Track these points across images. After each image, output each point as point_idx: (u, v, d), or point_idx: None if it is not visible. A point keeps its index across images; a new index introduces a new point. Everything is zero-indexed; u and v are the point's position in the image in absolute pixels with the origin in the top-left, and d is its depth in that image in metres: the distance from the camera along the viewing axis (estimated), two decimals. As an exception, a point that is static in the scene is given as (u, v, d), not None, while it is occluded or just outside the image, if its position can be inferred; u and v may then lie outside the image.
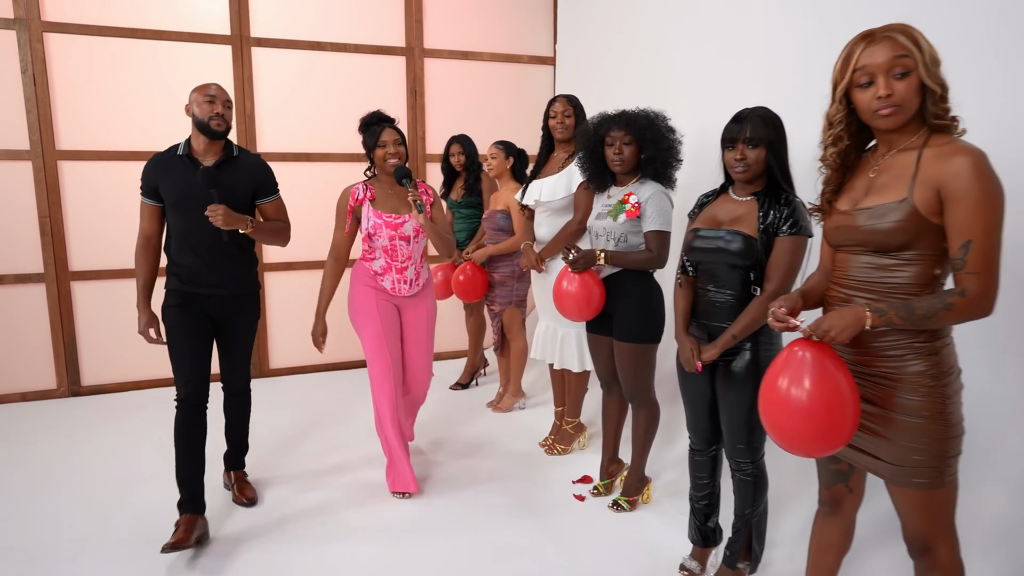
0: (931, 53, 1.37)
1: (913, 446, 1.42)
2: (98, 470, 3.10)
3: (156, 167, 2.48)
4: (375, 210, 2.73)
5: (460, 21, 4.84)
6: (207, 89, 2.48)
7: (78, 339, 4.17)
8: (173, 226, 2.51)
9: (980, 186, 1.30)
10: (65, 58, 3.95)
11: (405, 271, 2.79)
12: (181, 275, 2.51)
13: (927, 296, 1.37)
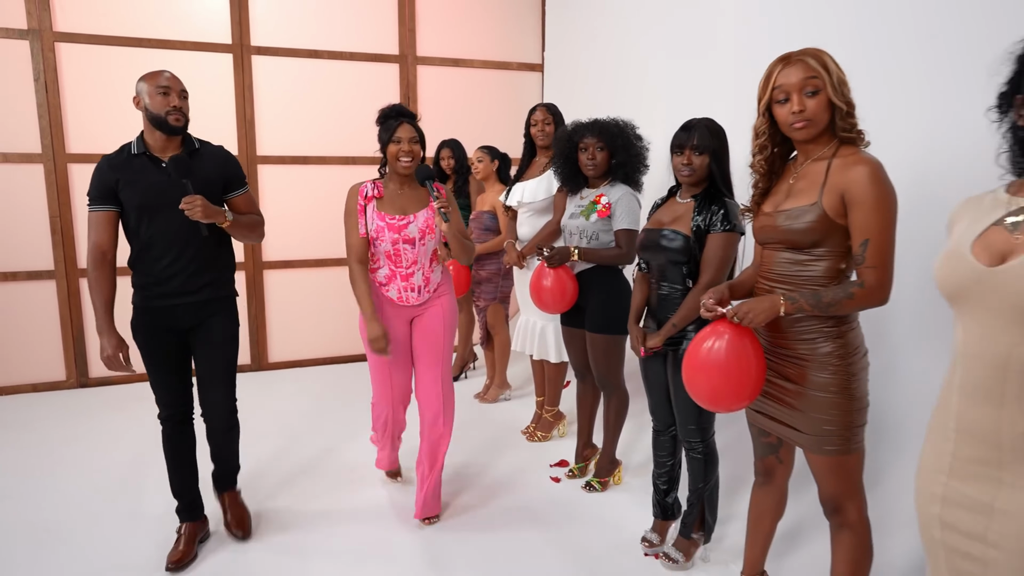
0: (839, 75, 1.58)
1: (823, 417, 1.63)
2: (105, 455, 3.31)
3: (111, 169, 2.20)
4: (379, 211, 2.47)
5: (451, 29, 5.05)
6: (158, 78, 2.20)
7: (86, 333, 4.38)
8: (137, 233, 2.23)
9: (876, 191, 1.51)
10: (75, 66, 4.17)
11: (411, 278, 2.52)
12: (149, 287, 2.26)
13: (833, 287, 1.58)
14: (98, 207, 2.22)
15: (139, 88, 2.22)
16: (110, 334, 2.23)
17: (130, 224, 2.25)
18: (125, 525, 2.64)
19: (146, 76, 2.23)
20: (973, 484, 1.21)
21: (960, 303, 1.21)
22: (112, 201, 2.21)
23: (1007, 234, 1.14)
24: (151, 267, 2.25)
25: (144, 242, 2.23)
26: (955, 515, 1.24)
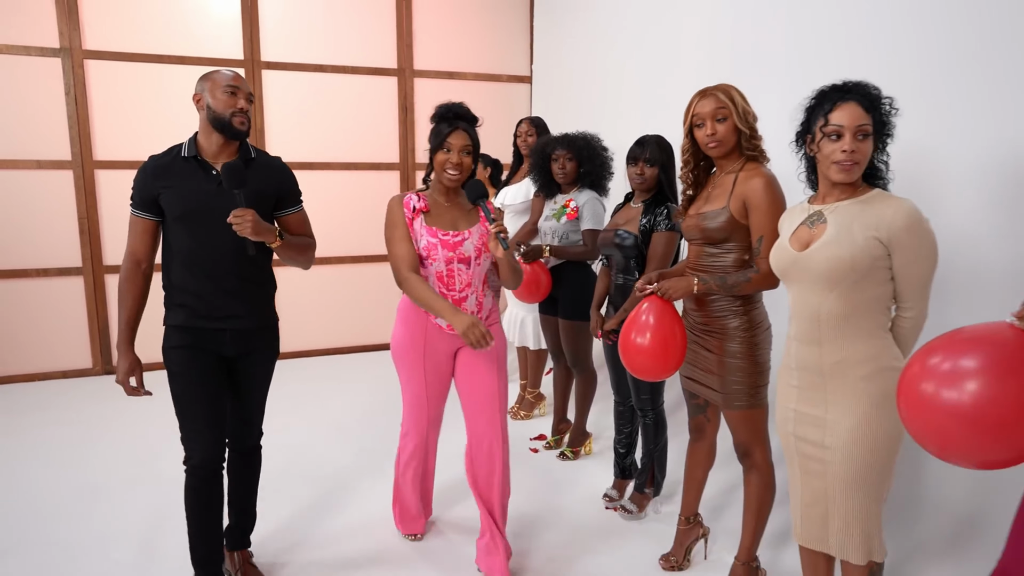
0: (743, 107, 1.98)
1: (733, 379, 2.03)
2: (128, 434, 3.71)
3: (156, 172, 1.97)
4: (428, 226, 2.16)
5: (446, 44, 5.45)
6: (225, 77, 2.00)
7: (111, 325, 4.79)
8: (177, 245, 2.00)
9: (769, 198, 1.91)
10: (102, 81, 4.57)
11: (464, 302, 2.20)
12: (188, 306, 2.01)
13: (735, 272, 1.98)
14: (138, 213, 2.01)
15: (201, 86, 2.01)
16: (127, 353, 2.00)
17: (170, 235, 2.01)
18: (152, 485, 3.04)
19: (211, 74, 2.03)
20: (811, 405, 1.68)
21: (787, 279, 1.69)
22: (153, 210, 1.99)
23: (808, 229, 1.64)
24: (190, 285, 2.00)
25: (185, 256, 1.99)
26: (803, 430, 1.71)
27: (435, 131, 2.20)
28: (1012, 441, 1.09)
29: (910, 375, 1.21)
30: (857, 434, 1.62)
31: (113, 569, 2.40)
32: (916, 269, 1.57)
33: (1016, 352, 1.10)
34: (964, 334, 1.18)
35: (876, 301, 1.61)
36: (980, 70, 2.12)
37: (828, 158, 1.60)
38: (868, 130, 1.57)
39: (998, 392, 1.08)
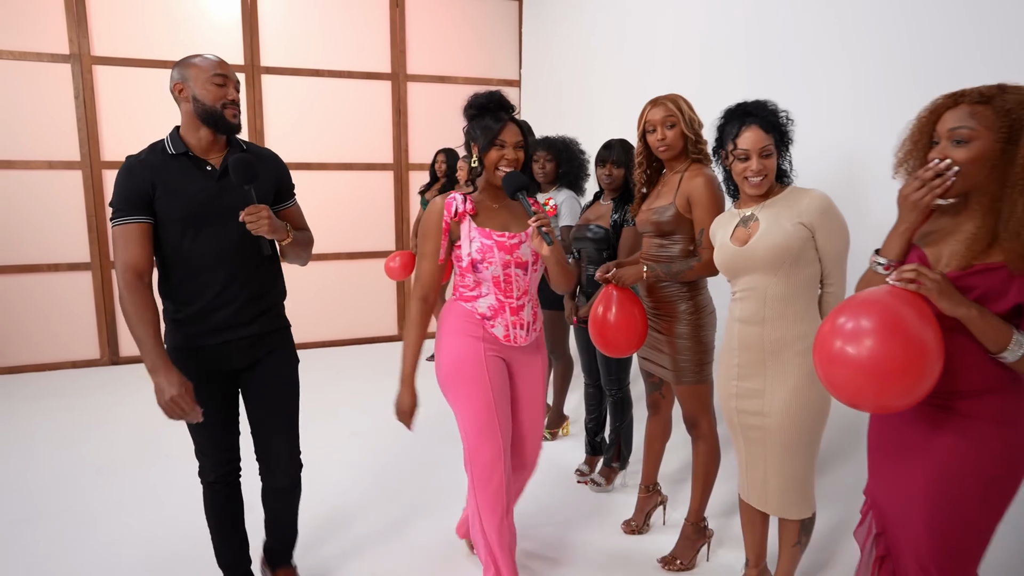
0: (690, 115, 2.22)
1: (682, 357, 2.27)
2: (135, 418, 3.95)
3: (145, 172, 1.74)
4: (480, 227, 1.95)
5: (438, 49, 5.69)
6: (212, 65, 1.79)
7: (117, 317, 5.03)
8: (175, 252, 1.79)
9: (709, 195, 2.14)
10: (109, 85, 4.82)
11: (521, 311, 2.03)
12: (192, 321, 1.83)
13: (680, 261, 2.22)
14: (128, 219, 1.73)
15: (183, 75, 1.78)
16: (168, 371, 1.71)
17: (168, 242, 1.79)
18: (160, 462, 3.28)
19: (192, 60, 1.79)
20: (751, 380, 1.91)
21: (734, 272, 1.92)
22: (145, 211, 1.74)
23: (744, 229, 1.89)
24: (194, 296, 1.81)
25: (186, 264, 1.80)
26: (744, 403, 1.93)
27: (483, 127, 1.93)
28: (902, 386, 1.28)
29: (822, 334, 1.39)
30: (791, 403, 1.85)
31: (125, 534, 2.64)
32: (833, 245, 1.82)
33: (898, 311, 1.29)
34: (860, 297, 1.37)
35: (809, 281, 1.85)
36: (940, 76, 2.36)
37: (741, 175, 1.87)
38: (770, 149, 1.84)
39: (888, 347, 1.27)
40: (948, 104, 1.36)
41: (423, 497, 2.96)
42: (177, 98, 1.83)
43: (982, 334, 1.30)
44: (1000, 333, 1.29)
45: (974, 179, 1.33)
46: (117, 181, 1.77)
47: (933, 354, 1.27)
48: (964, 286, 1.33)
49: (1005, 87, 1.32)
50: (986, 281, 1.31)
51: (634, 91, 4.15)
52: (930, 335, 1.27)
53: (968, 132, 1.32)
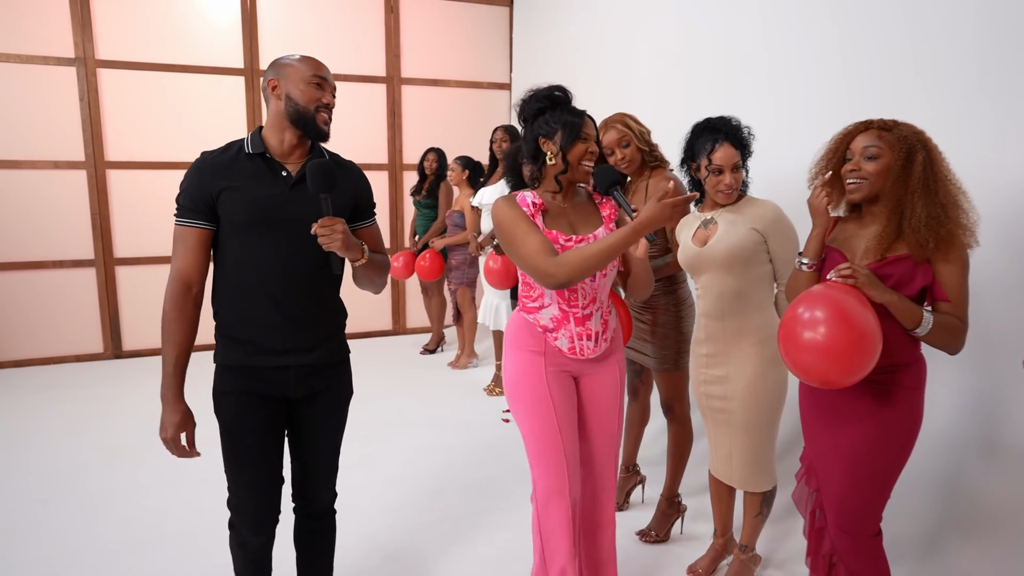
0: (639, 130, 2.45)
1: (662, 345, 2.49)
2: (143, 408, 4.12)
3: (214, 171, 1.61)
4: (547, 230, 1.79)
5: (432, 54, 5.88)
6: (313, 65, 1.66)
7: (120, 312, 5.20)
8: (236, 262, 1.64)
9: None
10: (114, 88, 4.98)
11: (588, 321, 1.84)
12: (246, 340, 1.66)
13: (660, 258, 2.44)
14: (188, 221, 1.62)
15: (279, 72, 1.65)
16: (175, 404, 1.65)
17: (229, 249, 1.64)
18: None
19: (291, 60, 1.67)
20: (716, 368, 2.14)
21: (696, 270, 2.16)
22: (207, 216, 1.62)
23: (704, 231, 2.11)
24: (253, 311, 1.65)
25: (246, 275, 1.64)
26: (711, 388, 2.16)
27: (564, 121, 1.78)
28: (859, 362, 1.50)
29: (786, 326, 1.61)
30: (751, 388, 2.08)
31: (142, 514, 2.82)
32: (785, 249, 2.05)
33: (842, 303, 1.52)
34: (815, 291, 1.60)
35: (762, 279, 2.08)
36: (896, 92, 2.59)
37: (714, 187, 2.09)
38: (740, 164, 2.08)
39: (843, 331, 1.50)
40: (860, 128, 1.68)
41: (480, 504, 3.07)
42: (268, 95, 1.69)
43: (901, 314, 1.56)
44: (914, 313, 1.56)
45: (880, 186, 1.64)
46: (186, 176, 1.64)
47: (877, 333, 1.51)
48: (882, 275, 1.60)
49: (897, 121, 1.66)
50: (898, 269, 1.60)
51: (618, 94, 4.38)
52: (871, 318, 1.51)
53: (877, 150, 1.63)
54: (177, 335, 1.64)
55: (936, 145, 1.65)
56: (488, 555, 2.51)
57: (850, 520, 1.72)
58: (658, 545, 2.56)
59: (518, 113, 1.90)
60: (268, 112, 1.70)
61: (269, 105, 1.69)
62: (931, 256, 1.59)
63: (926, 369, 1.72)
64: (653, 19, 3.98)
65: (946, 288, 1.60)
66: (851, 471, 1.69)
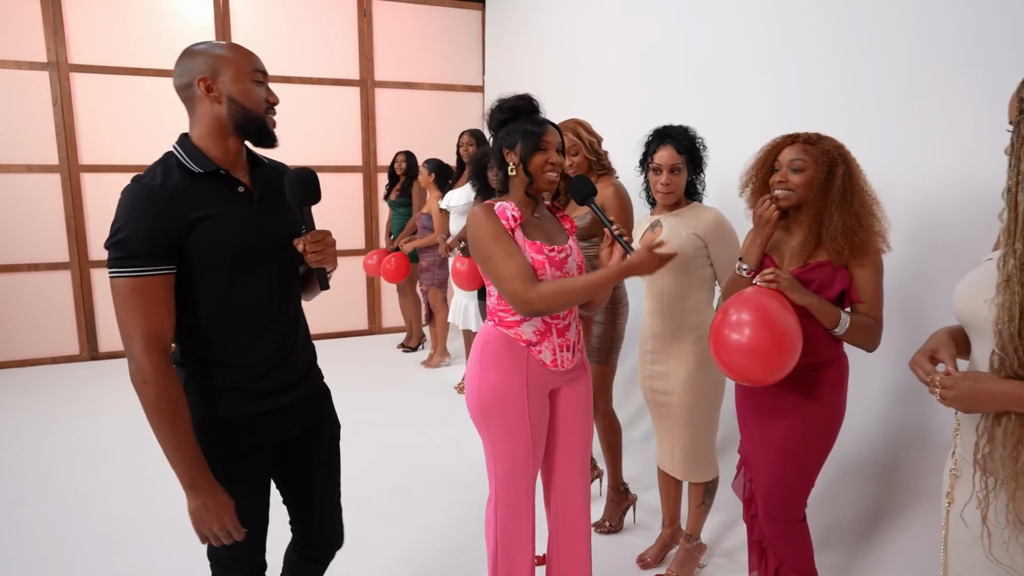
0: (589, 139, 2.57)
1: (596, 339, 2.61)
2: (118, 410, 4.19)
3: (173, 200, 1.32)
4: (531, 241, 1.75)
5: (405, 57, 5.96)
6: (252, 59, 1.42)
7: (96, 315, 5.25)
8: (219, 302, 1.41)
9: (619, 202, 2.50)
10: (87, 92, 5.02)
11: (567, 332, 1.84)
12: (237, 388, 1.45)
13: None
14: (149, 270, 1.30)
15: (211, 67, 1.37)
16: (212, 486, 1.37)
17: (210, 292, 1.39)
18: (145, 450, 3.55)
19: (221, 51, 1.39)
20: (659, 364, 2.27)
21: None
22: (172, 257, 1.33)
23: (651, 232, 2.23)
24: (246, 356, 1.45)
25: (234, 318, 1.42)
26: (655, 384, 2.29)
27: (523, 131, 1.77)
28: (771, 364, 1.63)
29: (715, 327, 1.73)
30: (689, 383, 2.20)
31: (115, 512, 2.91)
32: (726, 254, 2.17)
33: (766, 306, 1.64)
34: (743, 295, 1.71)
35: (701, 282, 2.20)
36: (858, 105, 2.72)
37: (654, 186, 2.21)
38: (680, 167, 2.18)
39: (759, 334, 1.62)
40: (787, 142, 1.80)
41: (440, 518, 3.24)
42: (195, 96, 1.39)
43: (821, 315, 1.70)
44: (833, 314, 1.70)
45: (804, 196, 1.76)
46: (128, 216, 1.30)
47: (797, 335, 1.64)
48: (805, 279, 1.73)
49: (821, 135, 1.77)
50: (819, 274, 1.73)
51: (587, 97, 4.50)
52: (792, 321, 1.64)
53: (802, 163, 1.75)
54: (179, 406, 1.34)
55: (854, 159, 1.77)
56: (452, 547, 2.63)
57: (777, 507, 1.85)
58: (613, 535, 2.69)
59: (487, 123, 1.90)
60: (195, 117, 1.41)
61: (195, 108, 1.41)
62: (848, 262, 1.72)
63: (848, 367, 1.85)
64: (620, 24, 4.10)
65: (861, 291, 1.74)
66: (779, 461, 1.83)
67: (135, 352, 1.31)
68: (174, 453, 1.34)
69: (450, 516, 2.87)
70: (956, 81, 2.14)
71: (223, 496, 1.38)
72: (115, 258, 1.30)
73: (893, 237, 1.77)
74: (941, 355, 1.22)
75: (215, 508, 1.36)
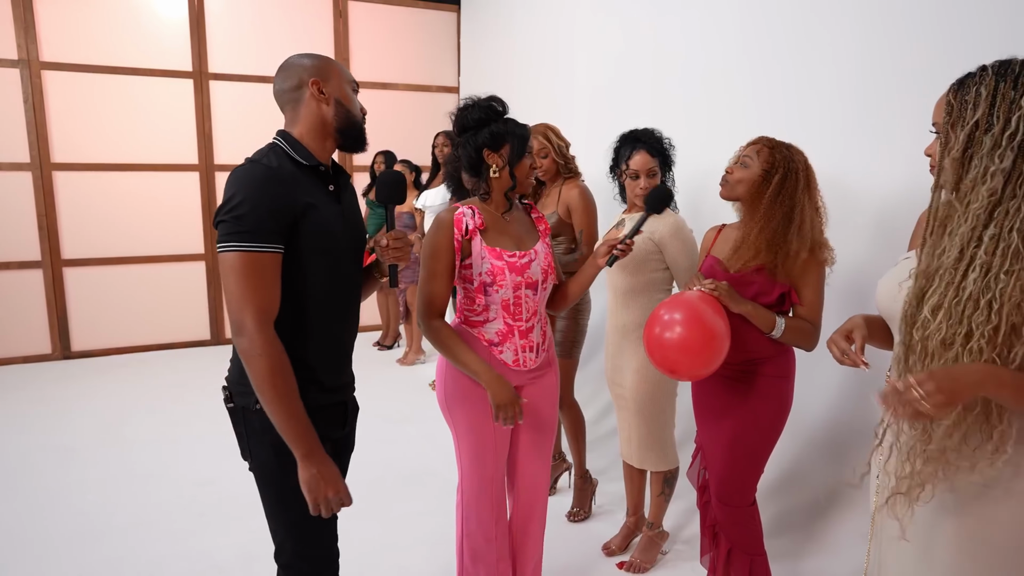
0: (557, 143, 2.66)
1: (559, 334, 2.71)
2: (92, 408, 4.21)
3: (288, 184, 1.39)
4: (490, 247, 1.78)
5: (380, 58, 6.01)
6: (348, 71, 1.54)
7: (69, 313, 5.22)
8: (320, 293, 1.46)
9: (583, 203, 2.60)
10: (59, 90, 4.99)
11: (530, 333, 1.87)
12: (315, 380, 1.47)
13: (565, 255, 2.65)
14: (266, 247, 1.34)
15: (323, 73, 1.47)
16: (322, 453, 1.40)
17: (311, 279, 1.44)
18: (118, 448, 3.57)
19: (330, 60, 1.50)
20: (616, 358, 2.37)
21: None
22: (284, 237, 1.37)
23: (615, 230, 2.32)
24: (332, 346, 1.52)
25: (325, 307, 1.48)
26: (616, 377, 2.39)
27: (511, 133, 1.80)
28: (700, 361, 1.73)
29: (649, 321, 1.82)
30: (639, 376, 2.29)
31: (88, 509, 2.93)
32: (683, 259, 2.26)
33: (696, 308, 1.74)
34: (680, 297, 1.81)
35: (652, 283, 2.29)
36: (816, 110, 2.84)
37: (631, 191, 2.30)
38: (656, 170, 2.27)
39: (690, 332, 1.72)
40: (753, 140, 1.89)
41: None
42: (303, 97, 1.47)
43: (757, 321, 1.80)
44: (768, 320, 1.80)
45: (741, 193, 1.86)
46: (248, 191, 1.33)
47: (723, 336, 1.73)
48: (746, 281, 1.83)
49: (789, 145, 1.86)
50: (759, 277, 1.83)
51: (560, 99, 4.59)
52: (721, 323, 1.73)
53: (749, 160, 1.85)
54: (293, 382, 1.36)
55: (809, 172, 1.84)
56: (427, 538, 2.70)
57: (729, 492, 1.95)
58: (582, 524, 2.78)
59: (455, 121, 1.85)
60: (299, 116, 1.49)
61: (300, 108, 1.48)
62: (789, 267, 1.80)
63: (794, 360, 1.95)
64: (593, 28, 4.20)
65: (801, 295, 1.84)
66: (729, 450, 1.93)
67: (248, 327, 1.32)
68: (288, 424, 1.35)
69: (424, 508, 2.94)
70: (904, 93, 2.26)
71: (333, 464, 1.41)
72: (233, 232, 1.32)
73: (845, 239, 1.88)
74: (855, 335, 1.31)
75: (330, 475, 1.40)
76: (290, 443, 1.36)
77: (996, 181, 1.06)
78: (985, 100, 1.08)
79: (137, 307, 5.42)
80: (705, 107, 3.22)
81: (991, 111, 1.08)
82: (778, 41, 2.79)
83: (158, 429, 3.78)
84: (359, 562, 2.53)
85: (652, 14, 3.61)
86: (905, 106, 2.26)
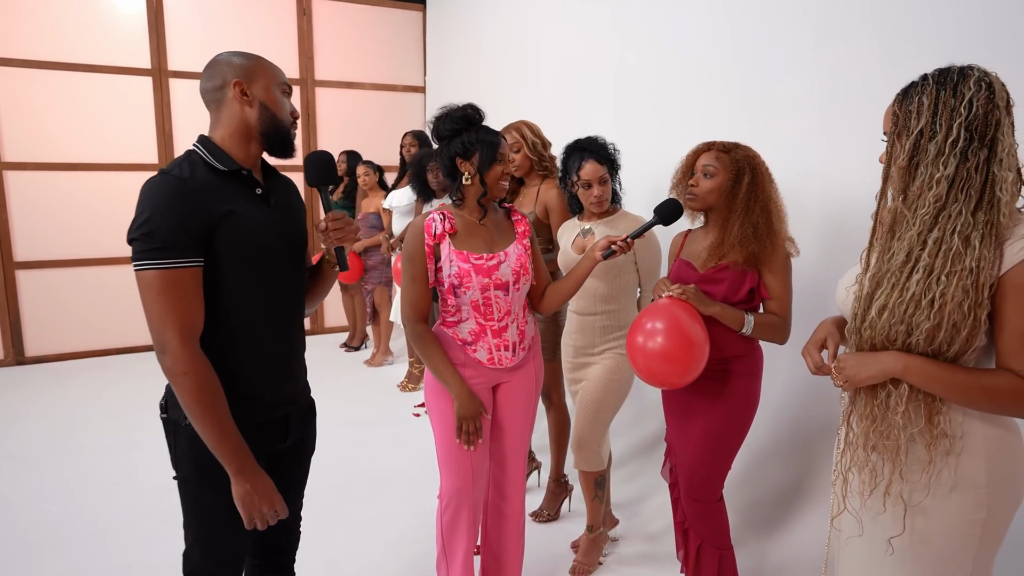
0: (532, 139, 2.67)
1: (545, 339, 2.72)
2: (47, 415, 4.08)
3: (201, 193, 1.34)
4: (457, 250, 1.85)
5: (345, 56, 5.95)
6: (279, 71, 1.49)
7: (22, 318, 5.05)
8: (240, 300, 1.40)
9: (561, 204, 2.60)
10: (11, 87, 4.83)
11: (505, 332, 1.92)
12: (248, 395, 1.43)
13: (543, 255, 2.67)
14: (181, 261, 1.30)
15: (248, 73, 1.42)
16: (255, 468, 1.37)
17: (232, 290, 1.39)
18: (74, 454, 3.47)
19: (258, 60, 1.46)
20: (583, 357, 2.39)
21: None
22: (201, 249, 1.33)
23: (583, 239, 2.34)
24: (261, 359, 1.46)
25: (253, 318, 1.43)
26: (579, 373, 2.41)
27: (483, 141, 1.86)
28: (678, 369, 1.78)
29: (631, 335, 1.87)
30: (604, 377, 2.31)
31: (47, 518, 2.84)
32: (649, 261, 2.30)
33: (677, 318, 1.78)
34: (656, 305, 1.85)
35: (627, 286, 2.33)
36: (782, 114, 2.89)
37: (587, 200, 2.32)
38: (606, 177, 2.30)
39: (669, 341, 1.77)
40: (703, 149, 1.93)
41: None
42: (225, 99, 1.42)
43: (726, 320, 1.84)
44: (737, 318, 1.84)
45: (713, 201, 1.90)
46: (158, 206, 1.29)
47: (703, 341, 1.78)
48: (716, 279, 1.87)
49: (738, 144, 1.90)
50: (729, 275, 1.87)
51: (525, 99, 4.61)
52: (699, 329, 1.78)
53: (713, 169, 1.89)
54: (223, 397, 1.33)
55: (766, 168, 1.91)
56: (396, 540, 2.68)
57: (697, 488, 1.98)
58: (550, 523, 2.80)
59: (432, 131, 1.93)
60: (221, 118, 1.43)
61: (223, 110, 1.42)
62: (756, 262, 1.86)
63: (762, 359, 2.00)
64: (557, 28, 4.22)
65: (770, 289, 1.88)
66: (699, 447, 1.96)
67: (171, 345, 1.28)
68: (219, 441, 1.32)
69: (392, 510, 2.92)
70: (859, 101, 2.33)
71: (267, 478, 1.39)
72: (145, 250, 1.28)
73: (804, 239, 1.93)
74: (828, 343, 1.36)
75: (264, 490, 1.37)
76: (222, 460, 1.34)
77: (941, 187, 1.13)
78: (928, 109, 1.15)
79: (93, 310, 5.27)
80: (670, 108, 3.26)
81: (934, 119, 1.14)
82: (739, 46, 2.84)
83: (117, 435, 3.68)
84: (328, 566, 2.51)
85: (615, 16, 3.65)
86: (860, 114, 2.33)
